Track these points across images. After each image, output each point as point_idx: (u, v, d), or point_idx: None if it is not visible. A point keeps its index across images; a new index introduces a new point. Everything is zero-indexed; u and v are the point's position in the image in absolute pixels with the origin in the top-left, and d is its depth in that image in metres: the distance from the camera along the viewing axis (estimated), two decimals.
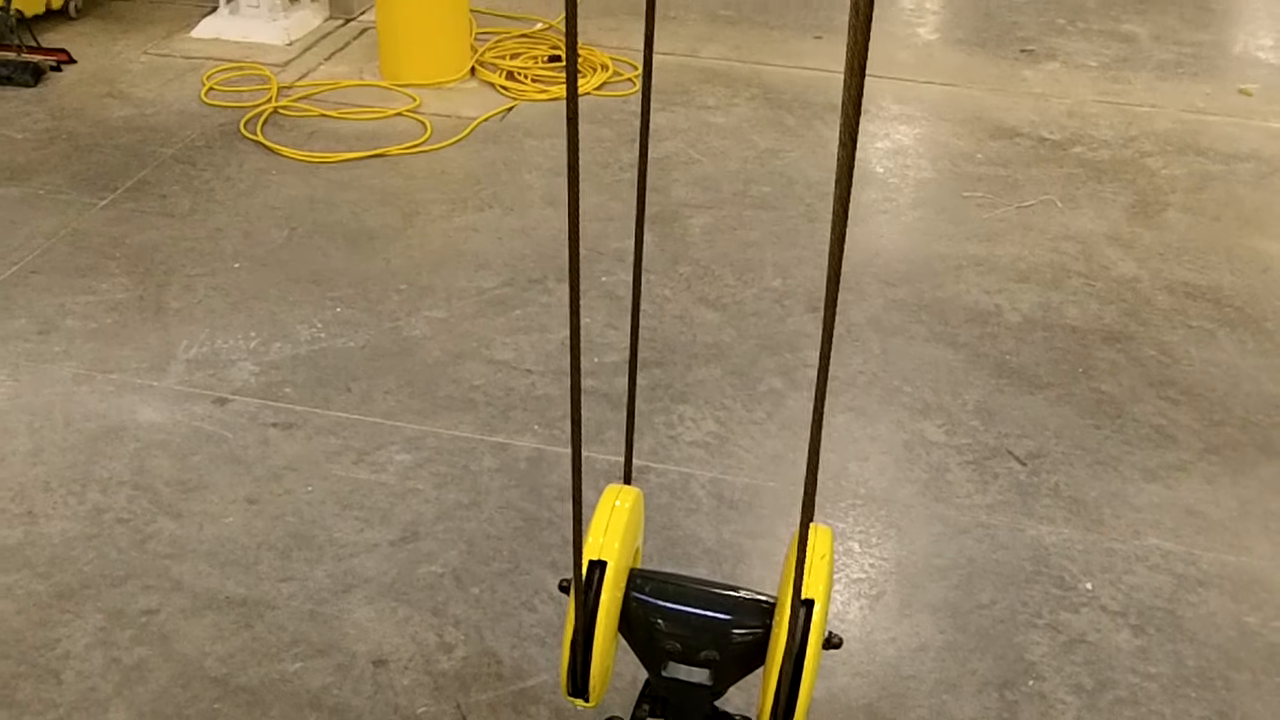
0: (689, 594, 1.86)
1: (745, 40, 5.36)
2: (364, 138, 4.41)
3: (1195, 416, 3.12)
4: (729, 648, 1.76)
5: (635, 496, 1.87)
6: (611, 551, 1.75)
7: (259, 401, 3.08)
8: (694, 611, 1.82)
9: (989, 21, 5.68)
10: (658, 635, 1.78)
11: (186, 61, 4.98)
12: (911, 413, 3.12)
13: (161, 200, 3.97)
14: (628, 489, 1.87)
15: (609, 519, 1.79)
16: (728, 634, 1.78)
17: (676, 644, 1.77)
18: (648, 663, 1.81)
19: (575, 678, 1.74)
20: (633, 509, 1.84)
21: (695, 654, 1.76)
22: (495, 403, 3.10)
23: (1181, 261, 3.80)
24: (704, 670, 1.77)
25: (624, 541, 1.78)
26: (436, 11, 4.77)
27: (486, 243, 3.80)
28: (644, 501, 1.94)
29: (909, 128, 4.66)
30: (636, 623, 1.80)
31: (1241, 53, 5.47)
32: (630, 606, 1.80)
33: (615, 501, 1.83)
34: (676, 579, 1.91)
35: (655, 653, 1.79)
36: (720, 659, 1.76)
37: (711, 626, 1.79)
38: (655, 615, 1.79)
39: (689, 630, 1.78)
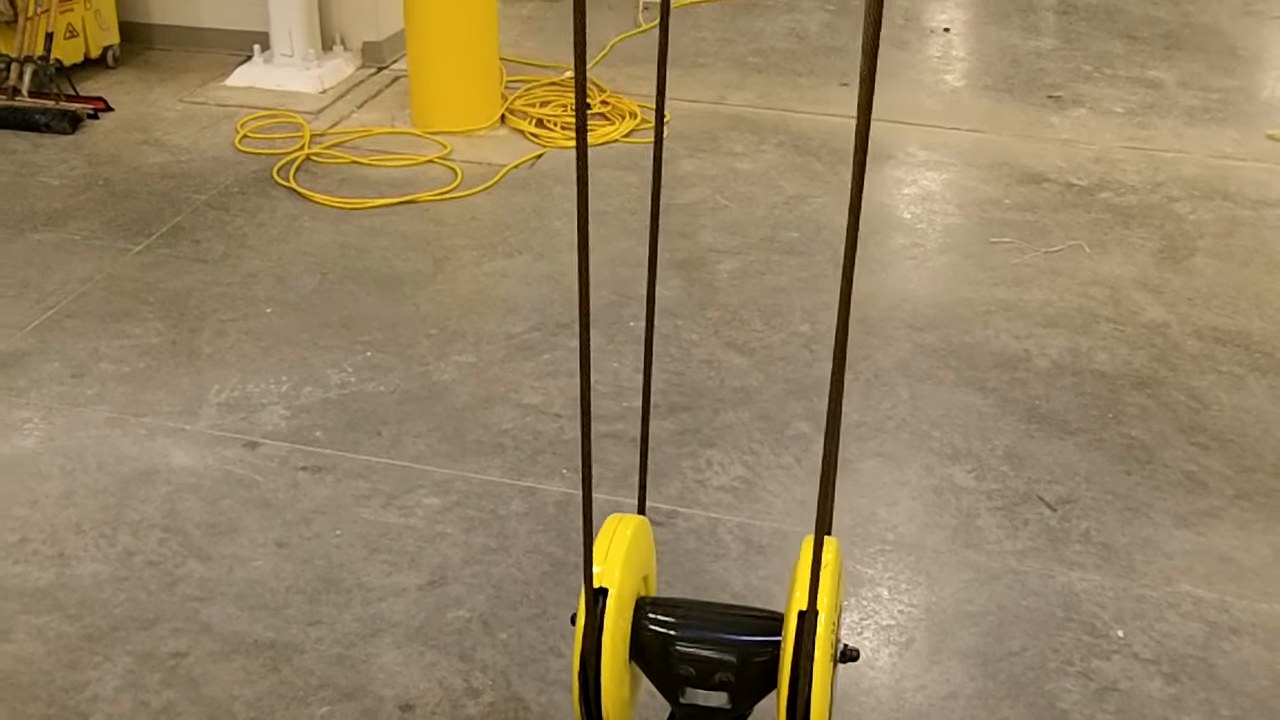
0: (700, 617, 1.84)
1: (772, 87, 5.40)
2: (395, 184, 4.46)
3: (1226, 462, 3.10)
4: (744, 668, 1.74)
5: (637, 524, 1.85)
6: (612, 579, 1.73)
7: (289, 445, 3.10)
8: (706, 634, 1.79)
9: (1016, 68, 5.70)
10: (672, 661, 1.76)
11: (221, 109, 5.05)
12: (941, 458, 3.11)
13: (195, 246, 4.02)
14: (629, 517, 1.85)
15: (609, 547, 1.78)
16: (742, 654, 1.75)
17: (691, 669, 1.74)
18: (666, 692, 1.79)
19: (588, 707, 1.73)
20: (634, 536, 1.82)
21: (711, 677, 1.74)
22: (524, 447, 3.11)
23: (1210, 307, 3.79)
24: (721, 694, 1.74)
25: (626, 568, 1.76)
26: (467, 60, 4.83)
27: (516, 288, 3.83)
28: (650, 530, 1.92)
29: (936, 174, 4.67)
30: (650, 651, 1.78)
31: (1269, 98, 5.47)
32: (642, 635, 1.78)
33: (615, 529, 1.82)
34: (687, 604, 1.88)
35: (672, 680, 1.76)
36: (736, 680, 1.74)
37: (724, 648, 1.76)
38: (667, 641, 1.77)
39: (702, 653, 1.76)
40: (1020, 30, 6.22)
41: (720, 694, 1.74)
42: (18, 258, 3.94)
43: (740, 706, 1.76)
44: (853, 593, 2.68)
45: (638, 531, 1.86)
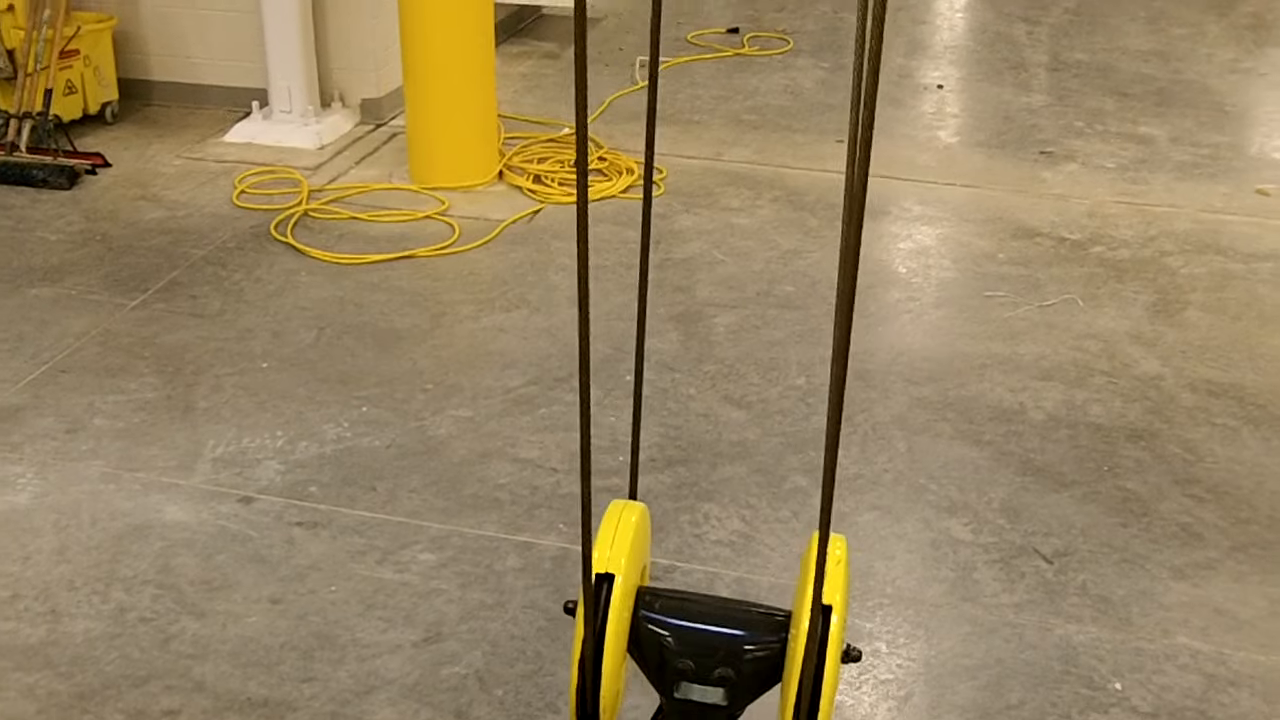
0: (701, 610, 1.78)
1: (768, 144, 5.45)
2: (393, 240, 4.48)
3: (1222, 514, 3.10)
4: (744, 665, 1.68)
5: (640, 511, 1.80)
6: (619, 565, 1.67)
7: (284, 501, 3.10)
8: (707, 629, 1.74)
9: (1009, 125, 5.75)
10: (669, 654, 1.70)
11: (219, 165, 5.09)
12: (938, 511, 3.11)
13: (192, 301, 4.04)
14: (633, 503, 1.80)
15: (615, 533, 1.72)
16: (742, 650, 1.70)
17: (689, 663, 1.68)
18: (659, 685, 1.73)
19: (585, 700, 1.67)
20: (639, 523, 1.77)
21: (709, 673, 1.68)
22: (520, 502, 3.10)
23: (1204, 360, 3.80)
24: (719, 690, 1.68)
25: (631, 556, 1.71)
26: (465, 117, 4.87)
27: (513, 343, 3.84)
28: (649, 518, 1.87)
29: (931, 228, 4.70)
30: (647, 642, 1.72)
31: (1258, 154, 5.51)
32: (640, 626, 1.72)
33: (620, 515, 1.76)
34: (688, 595, 1.83)
35: (667, 674, 1.70)
36: (735, 677, 1.68)
37: (725, 643, 1.71)
38: (666, 633, 1.71)
39: (702, 648, 1.70)
40: (1013, 87, 6.28)
41: (717, 690, 1.68)
42: (13, 312, 3.95)
43: (735, 705, 1.70)
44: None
45: (641, 521, 1.79)
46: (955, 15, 7.77)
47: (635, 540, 1.75)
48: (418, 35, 4.76)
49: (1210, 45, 7.10)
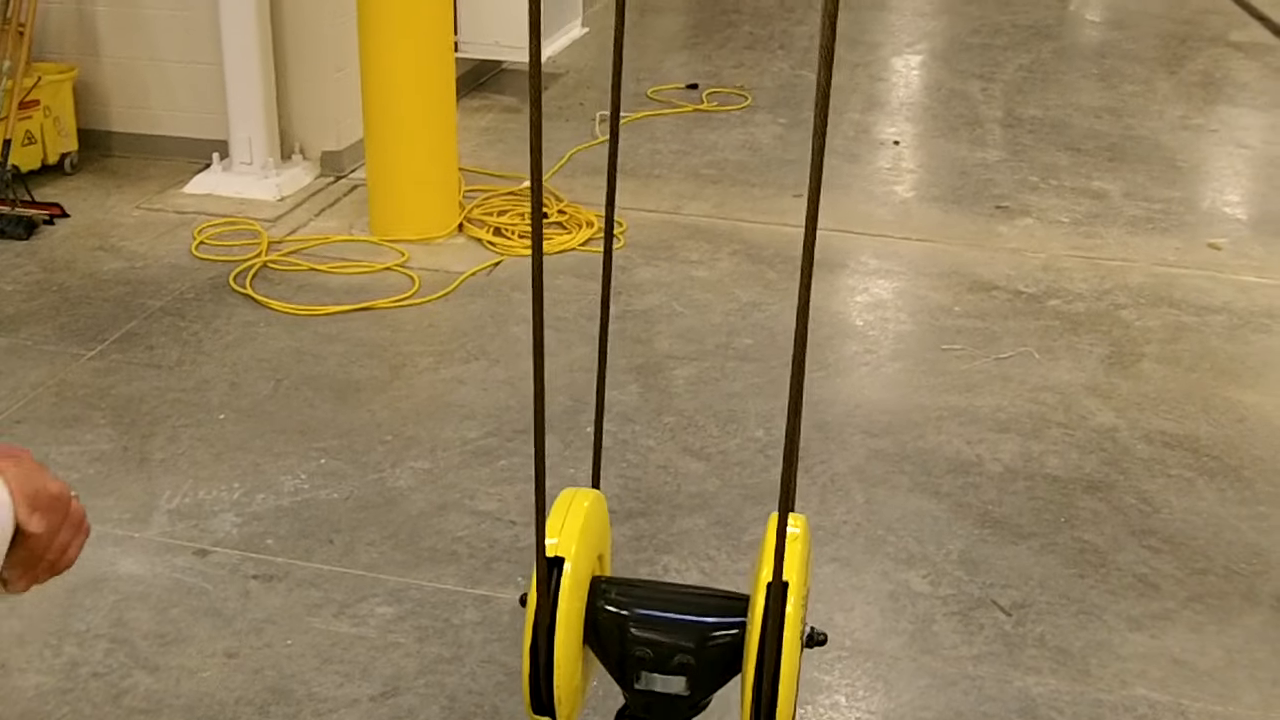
0: (659, 597, 1.75)
1: (727, 198, 5.49)
2: (352, 291, 4.48)
3: (1178, 565, 3.13)
4: (704, 650, 1.65)
5: (594, 497, 1.77)
6: (569, 549, 1.64)
7: (240, 553, 3.07)
8: (664, 615, 1.71)
9: (964, 179, 5.83)
10: (628, 643, 1.66)
11: (179, 216, 5.07)
12: (896, 563, 3.11)
13: (149, 352, 4.01)
14: (586, 490, 1.77)
15: (565, 517, 1.70)
16: (702, 635, 1.67)
17: (648, 650, 1.65)
18: (620, 677, 1.69)
19: (539, 691, 1.63)
20: (591, 508, 1.74)
21: (669, 661, 1.65)
22: (479, 554, 3.09)
23: (1159, 411, 3.84)
24: (679, 678, 1.65)
25: (583, 540, 1.68)
26: (426, 169, 4.89)
27: (472, 394, 3.83)
28: (605, 506, 1.83)
29: (888, 282, 4.75)
30: (605, 632, 1.68)
31: (1209, 208, 5.61)
32: (598, 615, 1.68)
33: (572, 501, 1.74)
34: (645, 583, 1.80)
35: (627, 664, 1.67)
36: (696, 664, 1.65)
37: (683, 629, 1.68)
38: (624, 622, 1.68)
39: (660, 635, 1.67)
40: (968, 143, 6.37)
41: (678, 678, 1.65)
42: None
43: (698, 693, 1.66)
44: (809, 700, 2.66)
45: (594, 505, 1.76)
46: (911, 72, 7.88)
47: (587, 526, 1.72)
48: (379, 88, 4.79)
49: (1161, 102, 7.24)
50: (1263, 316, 4.51)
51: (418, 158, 4.86)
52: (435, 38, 4.81)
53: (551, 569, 1.62)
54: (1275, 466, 3.58)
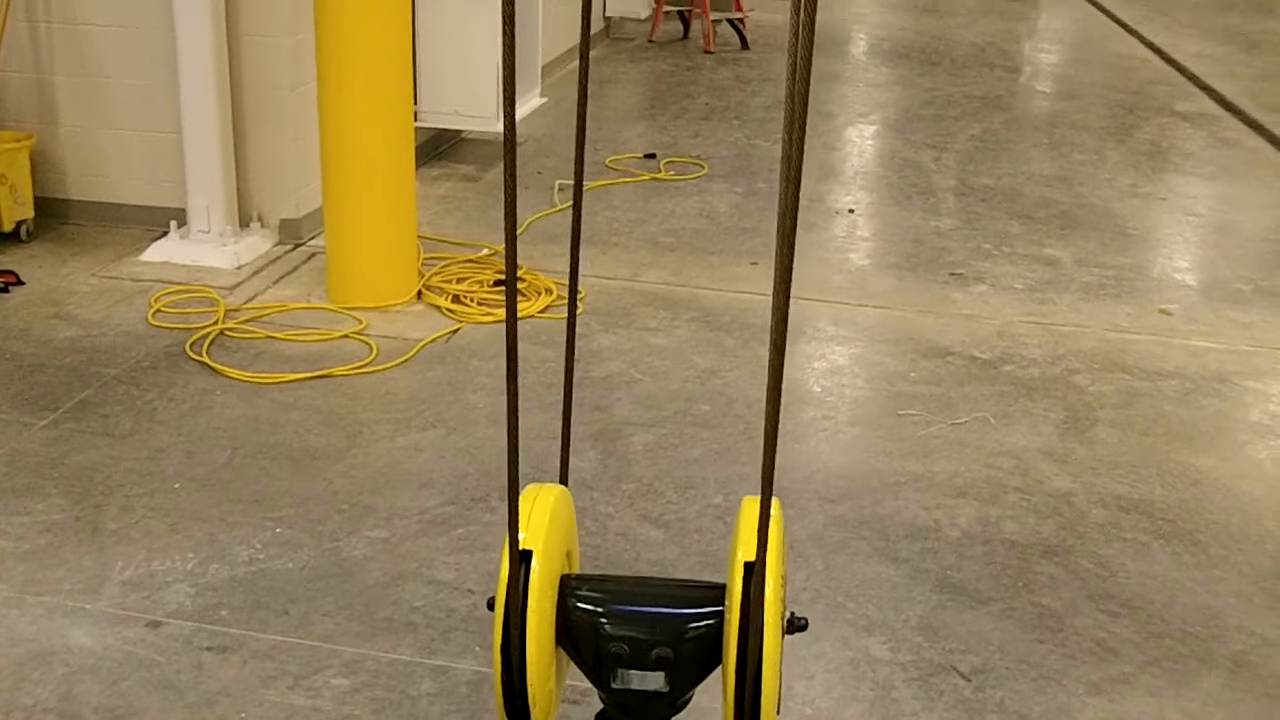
0: (632, 591, 1.68)
1: (684, 266, 5.53)
2: (310, 359, 4.46)
3: (1135, 629, 3.14)
4: (683, 643, 1.58)
5: (559, 493, 1.72)
6: (537, 541, 1.58)
7: (194, 624, 3.02)
8: (639, 608, 1.64)
9: (919, 247, 5.90)
10: (603, 640, 1.59)
11: (135, 284, 5.05)
12: (856, 629, 3.11)
13: (103, 420, 3.97)
14: (551, 485, 1.73)
15: (531, 512, 1.64)
16: (680, 627, 1.60)
17: (624, 646, 1.58)
18: (596, 679, 1.61)
19: (511, 694, 1.55)
20: (556, 503, 1.69)
21: (646, 655, 1.58)
22: (436, 625, 3.06)
23: (1114, 476, 3.88)
24: (658, 674, 1.58)
25: (550, 535, 1.62)
26: (384, 238, 4.90)
27: (430, 462, 3.81)
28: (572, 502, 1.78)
29: (845, 348, 4.78)
30: (579, 630, 1.61)
31: (1160, 275, 5.70)
32: (569, 614, 1.61)
33: (537, 496, 1.69)
34: (617, 578, 1.74)
35: (603, 663, 1.59)
36: (675, 657, 1.57)
37: (660, 621, 1.61)
38: (597, 617, 1.60)
39: (636, 628, 1.60)
40: (921, 211, 6.45)
41: (657, 674, 1.58)
42: None
43: (678, 689, 1.59)
44: None
45: (560, 500, 1.70)
46: (865, 142, 8.00)
47: (554, 521, 1.66)
48: (339, 156, 4.80)
49: (1111, 170, 7.38)
50: (1214, 381, 4.57)
51: (376, 226, 4.87)
52: (395, 106, 4.84)
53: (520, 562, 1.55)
54: (1229, 530, 3.61)
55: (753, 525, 1.47)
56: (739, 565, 1.49)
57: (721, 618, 1.57)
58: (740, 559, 1.49)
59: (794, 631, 1.58)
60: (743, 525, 1.55)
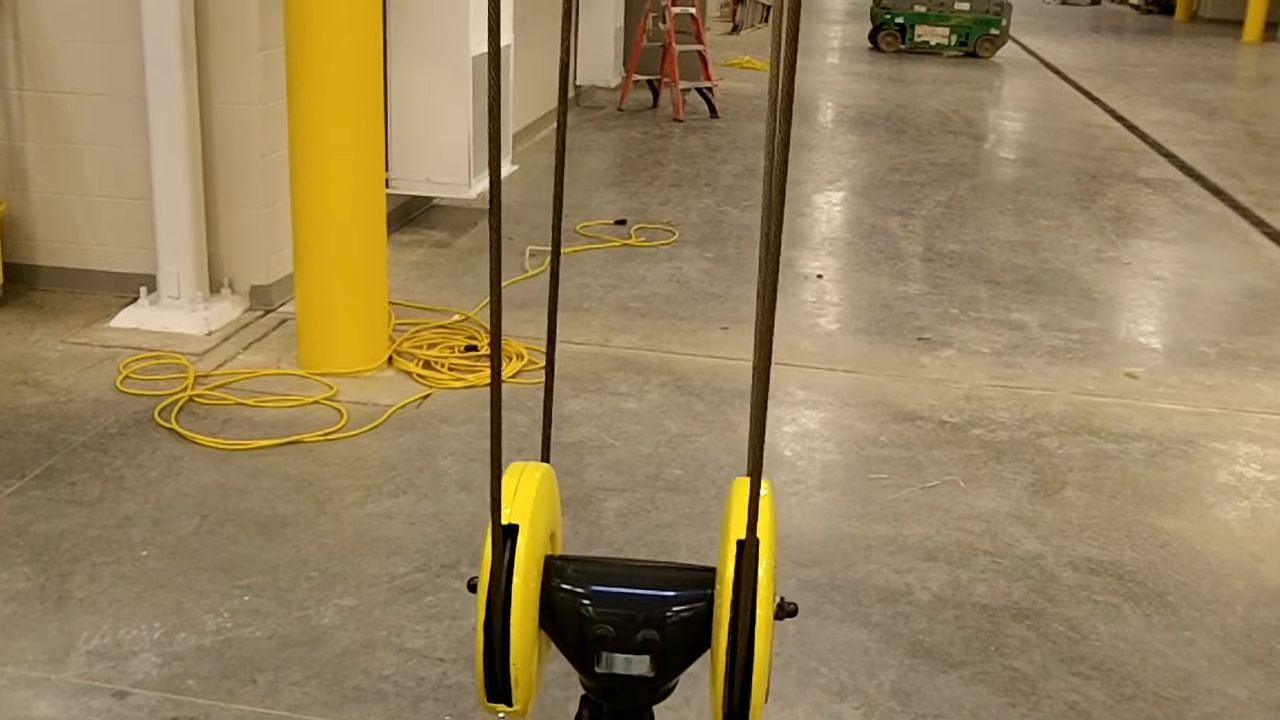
0: (618, 573, 1.65)
1: (655, 330, 5.55)
2: (279, 425, 4.44)
3: (1107, 692, 3.14)
4: (669, 626, 1.55)
5: (544, 470, 1.69)
6: (523, 516, 1.56)
7: (160, 694, 2.98)
8: (625, 590, 1.60)
9: (887, 312, 5.95)
10: (586, 622, 1.55)
11: (104, 350, 5.03)
12: (829, 694, 3.10)
13: (70, 488, 3.94)
14: (534, 464, 1.70)
15: (516, 488, 1.61)
16: (666, 609, 1.56)
17: (608, 628, 1.55)
18: (580, 663, 1.58)
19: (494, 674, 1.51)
20: (542, 480, 1.66)
21: (631, 638, 1.54)
22: (405, 693, 3.03)
23: (1083, 538, 3.90)
24: (643, 658, 1.54)
25: (536, 512, 1.59)
26: (355, 304, 4.90)
27: (400, 529, 3.80)
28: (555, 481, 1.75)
29: (815, 412, 4.80)
30: (562, 612, 1.57)
31: (1125, 338, 5.77)
32: (553, 595, 1.58)
33: (522, 474, 1.66)
34: (602, 560, 1.70)
35: (586, 646, 1.56)
36: (661, 640, 1.54)
37: (646, 603, 1.58)
38: (581, 599, 1.57)
39: (621, 610, 1.56)
40: (889, 276, 6.51)
41: (642, 658, 1.55)
42: None
43: (664, 675, 1.56)
44: None
45: (545, 479, 1.67)
46: (833, 208, 8.09)
47: (539, 498, 1.64)
48: (310, 223, 4.82)
49: (1075, 236, 7.48)
50: (1181, 443, 4.61)
51: (348, 292, 4.88)
52: (366, 173, 4.86)
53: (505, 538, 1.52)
54: (1198, 591, 3.63)
55: (744, 505, 1.45)
56: (730, 544, 1.47)
57: (711, 601, 1.54)
58: (732, 538, 1.47)
59: (783, 617, 1.55)
60: (734, 506, 1.53)
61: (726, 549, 1.52)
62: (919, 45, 17.27)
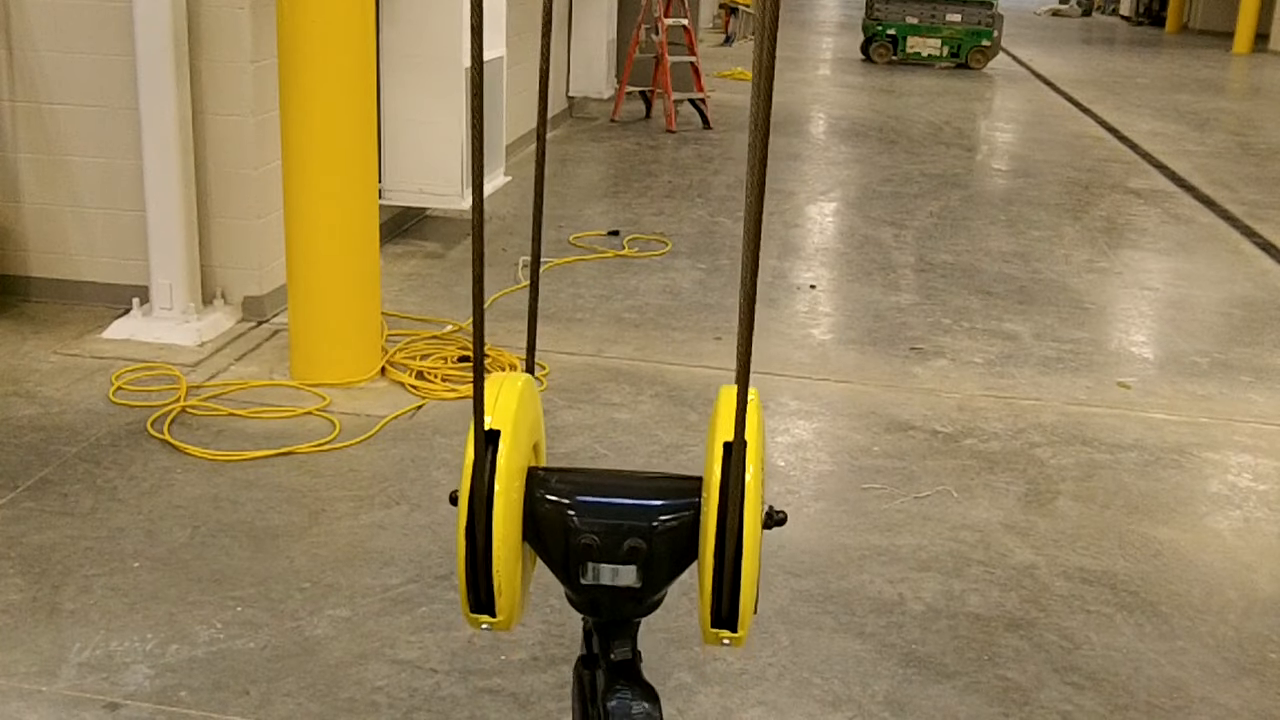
0: (603, 483, 1.62)
1: (648, 341, 5.56)
2: (272, 437, 4.44)
3: (1100, 701, 3.15)
4: (656, 534, 1.51)
5: (525, 380, 1.67)
6: (505, 422, 1.52)
7: (152, 706, 2.98)
8: (610, 500, 1.57)
9: (879, 323, 5.96)
10: (571, 532, 1.52)
11: (97, 361, 5.02)
12: (823, 705, 3.10)
13: (62, 499, 3.93)
14: (516, 374, 1.68)
15: (498, 395, 1.58)
16: (652, 517, 1.53)
17: (594, 538, 1.51)
18: (566, 574, 1.54)
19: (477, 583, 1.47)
20: (524, 389, 1.63)
21: (618, 548, 1.51)
22: (398, 705, 3.03)
23: (1076, 548, 3.90)
24: (630, 568, 1.51)
25: (518, 418, 1.55)
26: (348, 315, 4.90)
27: (393, 540, 3.79)
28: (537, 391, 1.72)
29: (808, 423, 4.81)
30: (546, 523, 1.53)
31: (1117, 348, 5.78)
32: (537, 506, 1.54)
33: (503, 383, 1.63)
34: (586, 470, 1.67)
35: (571, 557, 1.52)
36: (648, 549, 1.50)
37: (632, 511, 1.54)
38: (566, 509, 1.53)
39: (607, 519, 1.52)
40: (882, 287, 6.52)
41: (629, 568, 1.51)
42: None
43: (651, 587, 1.53)
44: None
45: (526, 387, 1.64)
46: (825, 220, 8.10)
47: (521, 406, 1.60)
48: (303, 234, 4.82)
49: (1067, 246, 7.49)
50: (1173, 453, 4.62)
51: (340, 303, 4.88)
52: (359, 184, 4.87)
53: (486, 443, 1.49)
54: (1191, 601, 3.63)
55: (731, 410, 1.43)
56: (717, 447, 1.43)
57: (698, 509, 1.50)
58: (719, 440, 1.44)
59: (773, 525, 1.52)
60: (721, 411, 1.50)
61: (713, 452, 1.48)
62: (911, 57, 17.32)
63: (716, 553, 1.43)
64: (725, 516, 1.42)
